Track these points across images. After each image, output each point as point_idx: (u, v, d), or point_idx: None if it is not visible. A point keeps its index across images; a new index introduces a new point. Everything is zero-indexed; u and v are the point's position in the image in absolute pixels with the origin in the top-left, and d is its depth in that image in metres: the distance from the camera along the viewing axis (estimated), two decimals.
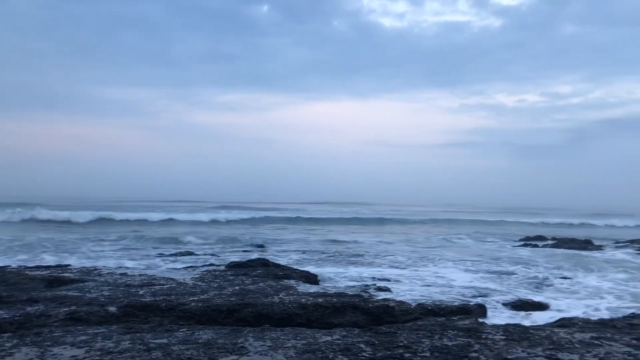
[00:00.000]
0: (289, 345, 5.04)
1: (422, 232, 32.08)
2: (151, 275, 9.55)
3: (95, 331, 5.50)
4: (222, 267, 11.33)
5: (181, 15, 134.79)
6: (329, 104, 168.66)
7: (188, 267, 11.83)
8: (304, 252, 18.11)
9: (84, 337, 5.19)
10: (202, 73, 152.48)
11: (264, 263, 11.38)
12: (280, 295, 7.89)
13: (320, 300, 7.59)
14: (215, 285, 8.65)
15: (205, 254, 16.45)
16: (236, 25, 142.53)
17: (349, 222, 39.18)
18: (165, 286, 8.44)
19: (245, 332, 5.60)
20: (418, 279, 12.05)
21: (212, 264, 12.56)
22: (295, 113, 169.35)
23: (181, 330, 5.69)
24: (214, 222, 35.39)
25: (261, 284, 8.79)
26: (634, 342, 5.08)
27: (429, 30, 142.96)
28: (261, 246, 19.88)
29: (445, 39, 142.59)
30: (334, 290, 8.56)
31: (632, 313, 7.81)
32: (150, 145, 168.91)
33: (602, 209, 78.98)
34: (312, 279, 10.45)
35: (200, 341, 5.13)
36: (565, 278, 12.68)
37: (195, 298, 7.57)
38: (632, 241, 24.04)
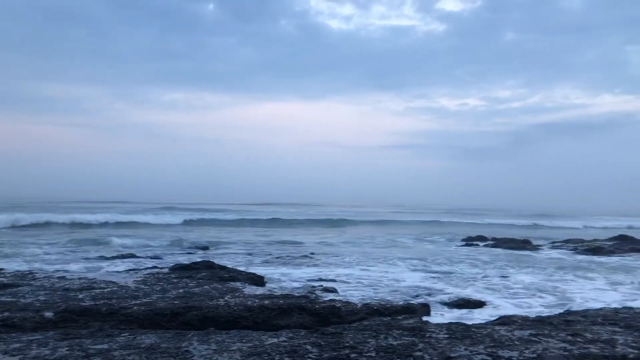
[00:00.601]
0: (235, 348, 4.97)
1: (369, 232, 32.45)
2: (91, 279, 9.23)
3: (30, 338, 5.26)
4: (166, 270, 11.08)
5: (125, 11, 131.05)
6: (276, 105, 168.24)
7: (130, 270, 11.51)
8: (250, 253, 17.97)
9: (17, 345, 4.96)
10: (146, 71, 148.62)
11: (209, 265, 11.21)
12: (226, 298, 7.78)
13: (266, 302, 7.53)
14: (158, 289, 8.44)
15: (148, 257, 16.06)
16: (182, 23, 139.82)
17: (296, 223, 39.19)
18: (106, 290, 8.18)
19: (190, 335, 5.49)
20: (364, 279, 12.16)
21: (155, 267, 12.27)
22: (241, 113, 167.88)
23: (123, 335, 5.52)
24: (157, 223, 34.64)
25: (206, 287, 8.64)
26: (569, 338, 5.29)
27: (375, 34, 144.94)
28: (206, 248, 19.59)
29: (391, 42, 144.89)
30: (280, 292, 8.52)
31: (567, 310, 8.14)
32: (91, 144, 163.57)
33: (540, 210, 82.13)
34: (258, 280, 10.37)
35: (142, 346, 4.99)
36: (504, 277, 13.09)
37: (138, 302, 7.36)
38: (567, 241, 25.10)
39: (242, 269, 11.95)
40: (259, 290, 8.66)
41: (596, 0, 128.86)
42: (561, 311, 8.08)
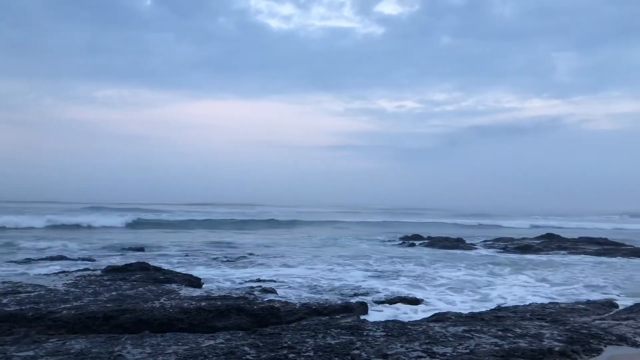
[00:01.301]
0: (170, 351, 4.86)
1: (308, 232, 32.53)
2: (17, 283, 8.77)
3: None
4: (98, 272, 10.69)
5: (54, 4, 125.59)
6: (214, 103, 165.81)
7: (60, 273, 11.03)
8: (187, 254, 17.63)
9: None
10: (76, 65, 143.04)
11: (143, 267, 10.90)
12: (161, 300, 7.59)
13: (203, 303, 7.41)
14: (90, 291, 8.14)
15: (79, 258, 15.45)
16: (115, 18, 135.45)
17: (234, 223, 38.80)
18: (32, 293, 7.80)
19: (123, 339, 5.32)
20: (303, 279, 12.17)
21: (86, 269, 11.81)
22: (178, 111, 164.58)
23: (51, 340, 5.28)
24: (88, 224, 33.41)
25: (140, 289, 8.40)
26: (500, 333, 5.48)
27: (315, 34, 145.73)
28: (141, 249, 19.05)
29: (331, 43, 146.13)
30: (218, 293, 8.39)
31: (498, 306, 8.45)
32: (16, 141, 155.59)
33: (474, 209, 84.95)
34: (195, 282, 10.19)
35: (72, 351, 4.80)
36: (439, 275, 13.42)
37: (68, 305, 7.07)
38: (498, 239, 26.05)
39: (178, 270, 11.70)
40: (196, 292, 8.50)
41: (526, 9, 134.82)
42: (492, 307, 8.37)
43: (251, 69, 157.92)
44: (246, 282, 11.44)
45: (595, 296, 10.42)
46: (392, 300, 9.71)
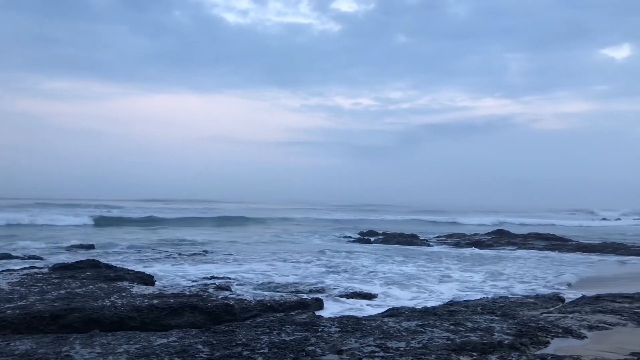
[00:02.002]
0: (121, 350, 4.74)
1: (264, 229, 32.40)
2: None
3: None
4: (46, 270, 10.34)
5: None
6: (168, 97, 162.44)
7: (4, 271, 10.61)
8: (139, 251, 17.27)
9: None
10: (23, 57, 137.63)
11: (94, 264, 10.61)
12: (112, 298, 7.41)
13: (155, 301, 7.27)
14: (36, 290, 7.86)
15: (25, 256, 14.92)
16: (67, 8, 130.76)
17: (188, 220, 38.17)
18: None
19: (72, 339, 5.17)
20: (259, 276, 12.12)
21: (33, 267, 11.41)
22: (131, 105, 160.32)
23: None
24: (36, 221, 32.27)
25: (90, 287, 8.18)
26: (452, 327, 5.59)
27: (272, 29, 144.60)
28: (91, 246, 18.54)
29: (288, 39, 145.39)
30: (171, 291, 8.25)
31: (450, 301, 8.62)
32: None
33: (429, 206, 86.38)
34: (147, 279, 9.98)
35: (17, 352, 4.63)
36: (393, 270, 13.58)
37: (12, 305, 6.81)
38: (451, 235, 26.62)
39: (131, 267, 11.45)
40: (149, 290, 8.34)
41: (479, 9, 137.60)
42: (445, 302, 8.53)
43: (207, 63, 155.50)
44: (200, 279, 11.30)
45: (543, 290, 10.76)
46: (347, 296, 9.77)
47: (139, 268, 11.82)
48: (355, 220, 44.22)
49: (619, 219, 58.22)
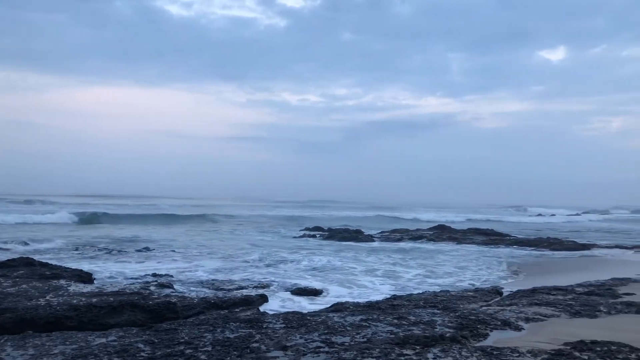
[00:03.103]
0: (56, 351, 4.55)
1: (209, 226, 31.96)
2: None
3: None
4: None
5: None
6: (109, 90, 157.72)
7: None
8: (76, 248, 16.68)
9: None
10: None
11: (27, 262, 10.16)
12: (47, 297, 7.11)
13: (94, 300, 7.03)
14: None
15: None
16: None
17: (130, 217, 37.15)
18: None
19: (2, 341, 4.92)
20: (202, 273, 11.93)
21: None
22: (70, 97, 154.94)
23: None
24: None
25: (24, 286, 7.82)
26: (395, 321, 5.66)
27: (217, 23, 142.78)
28: (25, 244, 17.77)
29: (233, 33, 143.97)
30: (110, 289, 8.00)
31: (394, 295, 8.73)
32: None
33: (374, 202, 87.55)
34: (86, 277, 9.65)
35: None
36: (339, 265, 13.66)
37: None
38: (394, 231, 27.03)
39: (68, 265, 11.03)
40: (87, 288, 8.05)
41: (423, 9, 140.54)
42: (388, 296, 8.65)
43: (150, 55, 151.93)
44: (142, 277, 11.01)
45: (483, 284, 11.08)
46: (292, 292, 9.77)
47: (77, 266, 11.40)
48: (300, 216, 44.23)
49: (553, 215, 60.72)
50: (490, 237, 23.33)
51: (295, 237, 24.38)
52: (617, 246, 20.86)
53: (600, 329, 5.34)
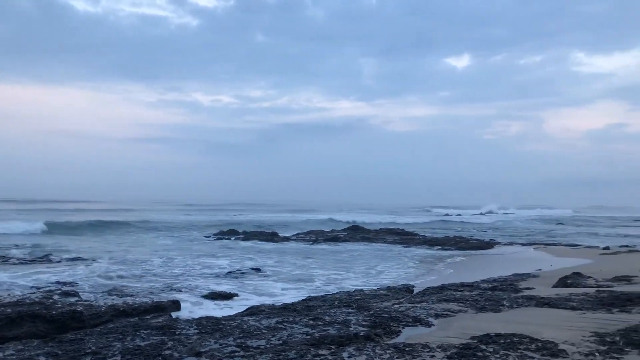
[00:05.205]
0: None
1: (115, 231, 30.66)
2: None
3: None
4: None
5: None
6: (6, 88, 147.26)
7: None
8: None
9: None
10: None
11: None
12: None
13: None
14: None
15: None
16: None
17: (29, 222, 34.91)
18: None
19: None
20: (110, 280, 11.43)
21: None
22: None
23: None
24: None
25: None
26: (311, 322, 5.68)
27: (125, 20, 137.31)
28: None
29: (143, 31, 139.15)
30: (8, 300, 7.48)
31: (309, 296, 8.78)
32: None
33: (290, 204, 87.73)
34: None
35: None
36: (254, 268, 13.55)
37: None
38: (309, 232, 27.26)
39: None
40: None
41: (336, 13, 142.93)
42: (303, 297, 8.68)
43: (52, 52, 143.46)
44: (44, 285, 10.38)
45: (395, 282, 11.39)
46: (206, 296, 9.58)
47: None
48: (214, 219, 43.48)
49: (459, 215, 63.55)
50: (402, 237, 24.08)
51: (209, 240, 23.94)
52: (517, 243, 22.22)
53: (504, 322, 5.63)
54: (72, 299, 8.17)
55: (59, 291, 8.95)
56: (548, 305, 6.65)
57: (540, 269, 12.26)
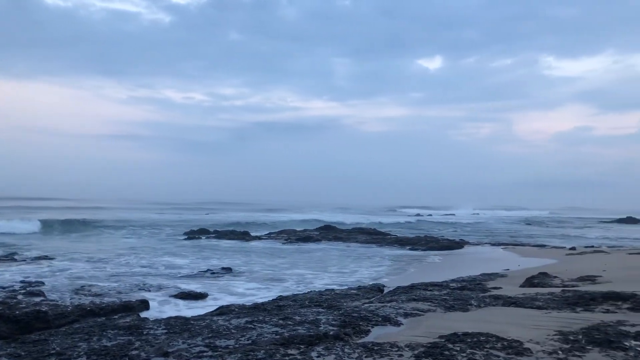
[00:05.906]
0: None
1: (85, 230, 30.14)
2: None
3: None
4: None
5: None
6: None
7: None
8: None
9: None
10: None
11: None
12: None
13: None
14: None
15: None
16: None
17: None
18: None
19: None
20: (77, 279, 11.23)
21: None
22: None
23: None
24: None
25: None
26: (281, 322, 5.67)
27: (96, 15, 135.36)
28: None
29: (114, 26, 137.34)
30: None
31: (279, 296, 8.77)
32: None
33: (263, 202, 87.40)
34: None
35: None
36: (225, 267, 13.47)
37: None
38: (282, 232, 27.21)
39: None
40: None
41: (309, 13, 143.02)
42: (274, 297, 8.66)
43: (19, 46, 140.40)
44: (8, 285, 10.14)
45: (365, 281, 11.44)
46: (175, 295, 9.48)
47: None
48: (185, 218, 43.09)
49: (430, 215, 64.24)
50: (373, 237, 24.21)
51: (180, 240, 23.71)
52: (486, 243, 22.55)
53: (472, 322, 5.71)
54: (37, 299, 7.99)
55: (24, 291, 8.76)
56: (515, 305, 6.76)
57: (508, 269, 12.46)
